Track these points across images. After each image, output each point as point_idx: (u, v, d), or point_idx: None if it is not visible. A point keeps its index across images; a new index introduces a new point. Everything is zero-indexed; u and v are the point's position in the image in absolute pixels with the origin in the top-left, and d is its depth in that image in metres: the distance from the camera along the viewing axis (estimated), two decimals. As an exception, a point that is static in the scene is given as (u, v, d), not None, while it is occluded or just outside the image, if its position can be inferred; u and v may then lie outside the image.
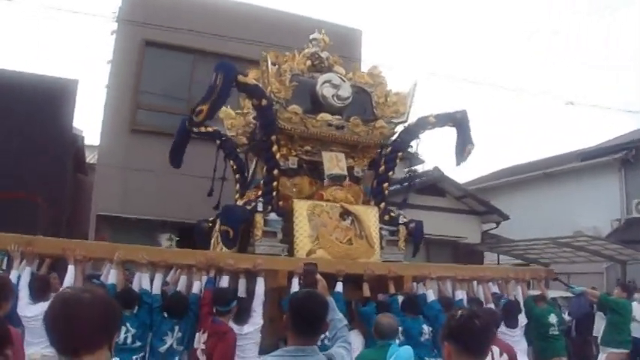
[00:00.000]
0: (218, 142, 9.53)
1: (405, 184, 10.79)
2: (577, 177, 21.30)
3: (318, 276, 5.85)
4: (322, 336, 3.81)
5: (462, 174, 29.47)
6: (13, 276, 6.22)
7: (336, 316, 3.92)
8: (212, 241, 8.86)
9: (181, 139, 9.43)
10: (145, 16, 13.58)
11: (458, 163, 9.15)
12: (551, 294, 11.25)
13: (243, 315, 6.68)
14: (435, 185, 17.25)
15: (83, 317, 2.13)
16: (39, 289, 6.32)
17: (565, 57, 55.28)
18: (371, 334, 7.24)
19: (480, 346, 2.92)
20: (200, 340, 6.54)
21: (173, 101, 14.48)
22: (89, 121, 41.04)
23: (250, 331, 6.65)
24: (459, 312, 2.97)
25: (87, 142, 16.66)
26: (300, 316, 3.31)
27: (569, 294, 11.81)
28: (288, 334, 3.38)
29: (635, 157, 20.01)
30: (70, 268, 6.45)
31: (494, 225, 19.01)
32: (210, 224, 9.27)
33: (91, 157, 16.68)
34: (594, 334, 11.72)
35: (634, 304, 10.37)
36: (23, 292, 6.18)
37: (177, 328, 6.55)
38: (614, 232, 19.51)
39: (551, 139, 50.47)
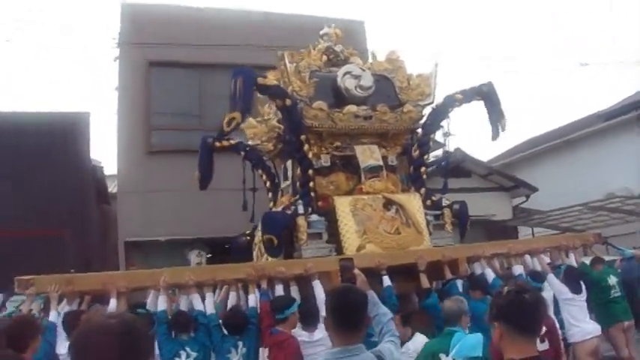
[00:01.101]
0: (243, 153, 9.36)
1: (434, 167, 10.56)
2: (601, 139, 20.82)
3: (356, 271, 5.63)
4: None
5: (484, 152, 29.03)
6: (52, 317, 6.03)
7: (380, 310, 3.79)
8: (254, 253, 8.64)
9: (206, 158, 9.24)
10: (145, 37, 13.43)
11: (494, 138, 8.90)
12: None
13: (310, 320, 6.37)
14: (459, 166, 16.95)
15: (102, 347, 1.92)
16: (70, 324, 6.05)
17: (572, 19, 54.61)
18: (439, 326, 7.02)
19: (533, 323, 2.67)
20: (263, 355, 6.32)
21: (186, 118, 14.38)
22: (107, 150, 41.07)
23: (321, 337, 6.32)
24: (506, 288, 2.70)
25: (107, 172, 16.54)
26: (338, 313, 3.17)
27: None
28: (331, 335, 3.25)
29: (657, 110, 19.62)
30: (112, 302, 6.20)
31: (524, 199, 18.72)
32: (248, 237, 9.06)
33: (113, 186, 16.57)
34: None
35: None
36: (61, 330, 5.97)
37: (240, 344, 6.30)
38: (647, 189, 19.16)
39: (570, 103, 49.92)
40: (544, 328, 4.85)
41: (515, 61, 52.03)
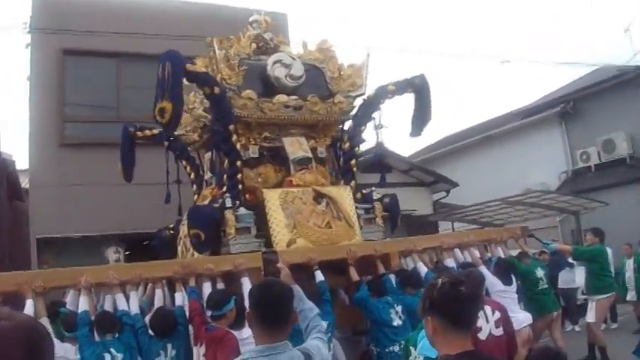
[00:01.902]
0: (166, 143, 8.97)
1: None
2: (519, 136, 21.48)
3: (280, 264, 5.41)
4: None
5: (405, 147, 29.45)
6: None
7: (306, 305, 3.62)
8: (179, 249, 8.26)
9: (128, 149, 8.83)
10: (59, 23, 12.72)
11: (413, 134, 8.78)
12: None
13: (238, 319, 6.10)
14: (380, 161, 16.92)
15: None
16: None
17: (495, 17, 56.00)
18: (373, 321, 6.88)
19: (469, 316, 2.53)
20: (199, 353, 5.98)
21: (102, 110, 13.77)
22: (20, 144, 39.26)
23: (249, 335, 6.05)
24: (440, 280, 2.53)
25: (20, 166, 15.62)
26: (261, 308, 2.94)
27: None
28: (254, 333, 3.02)
29: (574, 108, 20.30)
30: (29, 303, 5.71)
31: (444, 194, 18.97)
32: (172, 231, 8.67)
33: (26, 182, 15.69)
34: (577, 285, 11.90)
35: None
36: None
37: (169, 346, 5.96)
38: (563, 185, 19.82)
39: (491, 100, 51.16)
40: (498, 314, 4.74)
41: (435, 55, 52.82)
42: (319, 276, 6.75)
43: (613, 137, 18.90)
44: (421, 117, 8.52)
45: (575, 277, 12.50)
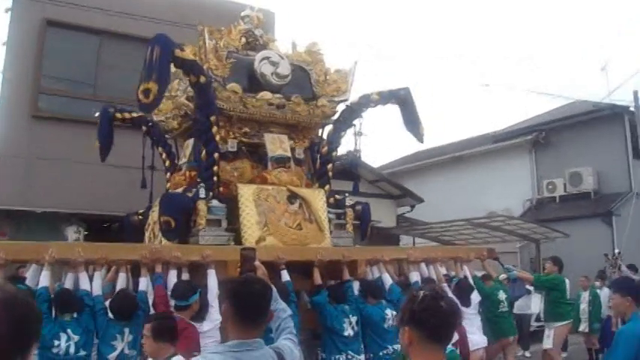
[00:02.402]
0: (145, 128, 8.93)
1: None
2: (489, 159, 21.72)
3: (257, 262, 5.41)
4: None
5: (375, 158, 29.46)
6: None
7: (279, 305, 3.61)
8: (147, 234, 8.18)
9: (107, 130, 8.76)
10: (44, -8, 12.51)
11: (419, 141, 8.85)
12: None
13: (200, 311, 6.06)
14: (349, 170, 16.98)
15: None
16: None
17: (480, 42, 56.61)
18: (325, 326, 6.88)
19: (447, 331, 2.55)
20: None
21: (78, 86, 13.52)
22: None
23: (210, 329, 6.05)
24: (421, 293, 2.55)
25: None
26: (241, 304, 2.94)
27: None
28: (227, 327, 3.01)
29: (545, 138, 20.61)
30: None
31: (408, 208, 19.07)
32: (140, 217, 8.59)
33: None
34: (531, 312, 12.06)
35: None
36: None
37: (127, 330, 5.87)
38: (526, 212, 20.08)
39: (467, 122, 51.61)
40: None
41: (417, 71, 53.12)
42: (285, 276, 6.76)
43: (580, 171, 19.21)
44: (412, 123, 8.54)
45: (531, 303, 12.70)
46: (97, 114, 12.45)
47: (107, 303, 6.05)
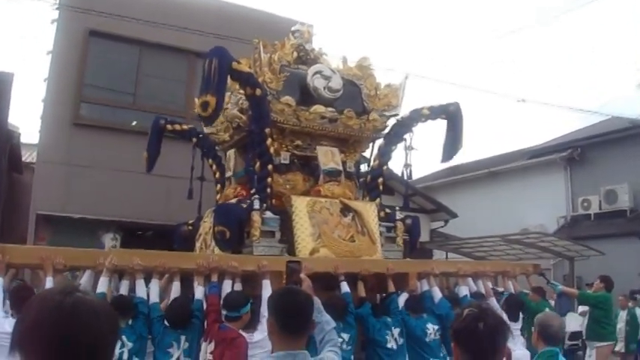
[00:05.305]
0: (194, 140, 9.02)
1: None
2: (524, 175, 21.55)
3: (303, 275, 5.41)
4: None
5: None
6: None
7: (323, 318, 3.64)
8: (198, 245, 8.23)
9: (156, 140, 8.85)
10: (89, 3, 12.67)
11: (444, 160, 8.84)
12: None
13: (251, 321, 6.08)
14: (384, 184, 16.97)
15: (93, 326, 1.57)
16: (25, 300, 5.49)
17: (517, 59, 56.43)
18: (368, 338, 6.89)
19: (486, 353, 2.50)
20: (207, 350, 5.95)
21: (119, 95, 13.70)
22: (26, 118, 38.56)
23: (260, 339, 6.02)
24: (465, 312, 2.56)
25: (23, 140, 15.48)
26: (283, 315, 3.00)
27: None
28: (272, 338, 3.09)
29: (581, 155, 20.38)
30: (49, 280, 5.68)
31: (442, 223, 19.00)
32: (190, 227, 8.65)
33: (27, 156, 15.56)
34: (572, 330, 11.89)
35: None
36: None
37: (183, 338, 5.93)
38: (560, 229, 19.85)
39: (503, 137, 51.46)
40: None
41: (454, 87, 52.88)
42: (345, 287, 6.79)
43: (616, 188, 18.99)
44: (453, 143, 8.53)
45: (570, 321, 12.58)
46: (134, 123, 12.76)
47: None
